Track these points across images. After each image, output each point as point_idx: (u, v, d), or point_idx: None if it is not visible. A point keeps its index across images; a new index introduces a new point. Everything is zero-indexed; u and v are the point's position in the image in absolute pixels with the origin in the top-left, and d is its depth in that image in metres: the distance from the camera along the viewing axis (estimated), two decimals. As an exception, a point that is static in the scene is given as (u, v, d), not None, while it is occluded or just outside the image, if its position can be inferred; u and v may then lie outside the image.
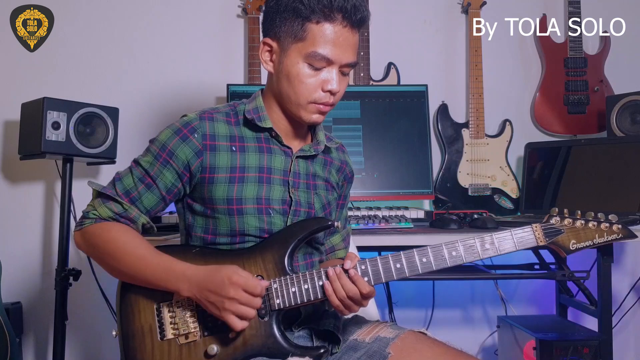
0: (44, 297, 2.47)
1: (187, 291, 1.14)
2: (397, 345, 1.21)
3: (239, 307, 1.10)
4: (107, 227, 1.22)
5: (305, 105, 1.24)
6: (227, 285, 1.10)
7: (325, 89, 1.22)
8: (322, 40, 1.19)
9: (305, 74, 1.22)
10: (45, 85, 2.47)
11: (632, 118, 2.34)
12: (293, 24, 1.21)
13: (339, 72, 1.23)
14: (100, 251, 1.22)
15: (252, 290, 1.11)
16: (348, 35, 1.21)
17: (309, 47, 1.20)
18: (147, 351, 1.18)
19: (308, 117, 1.26)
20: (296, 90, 1.23)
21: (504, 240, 1.19)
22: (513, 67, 2.70)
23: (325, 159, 1.39)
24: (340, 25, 1.20)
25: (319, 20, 1.19)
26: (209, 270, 1.14)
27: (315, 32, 1.19)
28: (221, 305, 1.11)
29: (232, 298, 1.10)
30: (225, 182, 1.24)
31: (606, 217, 1.19)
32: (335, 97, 1.25)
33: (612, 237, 1.18)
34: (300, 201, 1.30)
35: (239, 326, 1.11)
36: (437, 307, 2.57)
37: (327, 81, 1.22)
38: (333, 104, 1.27)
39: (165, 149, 1.24)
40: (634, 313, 2.61)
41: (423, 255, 1.18)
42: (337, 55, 1.21)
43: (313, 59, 1.20)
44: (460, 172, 2.52)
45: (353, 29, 1.22)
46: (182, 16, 2.59)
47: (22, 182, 2.52)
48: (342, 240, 1.47)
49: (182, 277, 1.14)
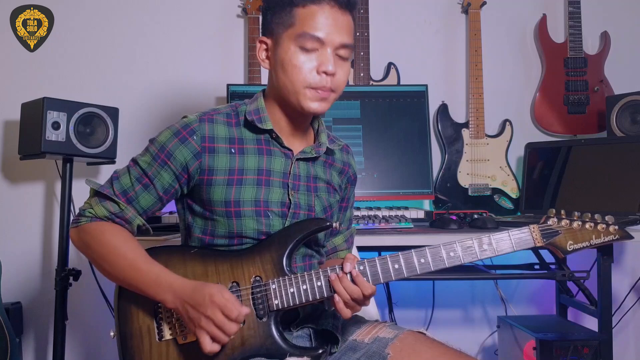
0: (44, 297, 2.47)
1: (171, 303, 1.14)
2: (396, 345, 1.21)
3: (212, 328, 1.08)
4: (102, 228, 1.22)
5: (303, 91, 1.22)
6: (207, 304, 1.08)
7: (320, 70, 1.20)
8: (311, 21, 1.19)
9: (298, 57, 1.20)
10: (45, 85, 2.47)
11: (632, 118, 2.34)
12: (282, 14, 1.22)
13: (334, 54, 1.21)
14: (93, 251, 1.22)
15: (229, 314, 1.07)
16: (337, 16, 1.20)
17: (299, 29, 1.20)
18: (145, 352, 1.18)
19: (308, 105, 1.23)
20: (291, 77, 1.21)
21: (502, 241, 1.19)
22: (513, 67, 2.70)
23: (327, 161, 1.38)
24: (328, 6, 1.20)
25: (305, 4, 1.20)
26: (195, 286, 1.13)
27: (303, 14, 1.20)
28: (197, 323, 1.09)
29: (208, 317, 1.08)
30: (224, 184, 1.24)
31: (603, 218, 1.19)
32: (334, 81, 1.22)
33: (609, 238, 1.18)
34: (300, 203, 1.29)
35: (207, 348, 1.09)
36: (437, 307, 2.57)
37: (321, 63, 1.20)
38: (334, 90, 1.23)
39: (164, 150, 1.23)
40: (634, 313, 2.61)
41: (421, 256, 1.18)
42: (327, 35, 1.19)
43: (303, 41, 1.20)
44: (460, 172, 2.51)
45: (342, 9, 1.21)
46: (182, 16, 2.59)
47: (22, 182, 2.52)
48: (344, 241, 1.47)
49: (169, 289, 1.14)
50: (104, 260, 1.21)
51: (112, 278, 1.22)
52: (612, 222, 1.19)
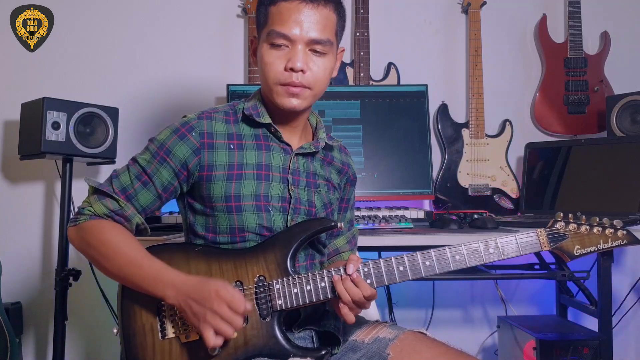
0: (44, 297, 2.46)
1: (173, 298, 1.13)
2: (397, 346, 1.21)
3: (219, 322, 1.08)
4: (101, 226, 1.22)
5: (275, 88, 1.23)
6: (213, 298, 1.08)
7: (287, 67, 1.21)
8: (278, 18, 1.21)
9: (269, 55, 1.22)
10: (45, 85, 2.47)
11: (632, 118, 2.34)
12: (259, 13, 1.26)
13: (306, 50, 1.21)
14: (92, 249, 1.22)
15: (236, 308, 1.08)
16: (307, 11, 1.20)
17: (269, 27, 1.23)
18: (148, 350, 1.18)
19: (282, 102, 1.24)
20: (265, 75, 1.24)
21: (508, 245, 1.18)
22: (513, 67, 2.70)
23: (326, 159, 1.39)
24: (297, 1, 1.20)
25: (276, 1, 1.22)
26: (198, 281, 1.13)
27: (273, 12, 1.22)
28: (202, 317, 1.09)
29: (215, 311, 1.08)
30: (223, 180, 1.24)
31: (611, 222, 1.18)
32: (307, 77, 1.22)
33: (616, 243, 1.17)
34: (300, 199, 1.29)
35: (211, 342, 1.08)
36: (437, 307, 2.57)
37: (289, 60, 1.21)
38: (305, 86, 1.23)
39: (163, 147, 1.24)
40: (634, 313, 2.61)
41: (426, 259, 1.18)
42: (295, 31, 1.20)
43: (272, 38, 1.21)
44: (460, 172, 2.52)
45: (314, 3, 1.20)
46: (182, 16, 2.59)
47: (22, 182, 2.52)
48: (346, 243, 1.47)
49: (170, 285, 1.13)
50: (104, 258, 1.20)
51: (111, 275, 1.21)
52: (620, 226, 1.18)
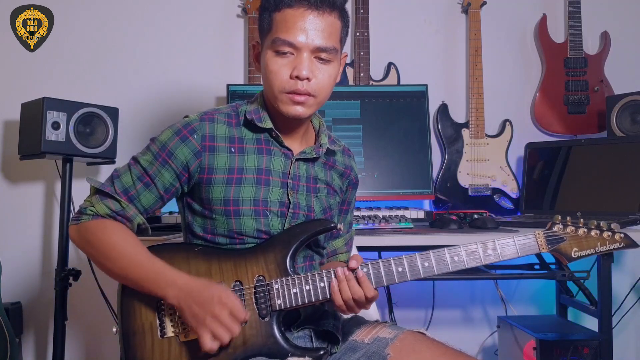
0: (44, 297, 2.47)
1: (173, 298, 1.14)
2: (396, 346, 1.21)
3: (217, 327, 1.09)
4: (103, 225, 1.22)
5: (280, 96, 1.22)
6: (215, 303, 1.10)
7: (293, 75, 1.20)
8: (284, 25, 1.19)
9: (274, 63, 1.21)
10: (45, 85, 2.47)
11: (632, 118, 2.34)
12: (264, 20, 1.24)
13: (311, 58, 1.20)
14: (94, 248, 1.22)
15: (237, 315, 1.10)
16: (313, 19, 1.19)
17: (273, 34, 1.21)
18: (147, 349, 1.18)
19: (286, 110, 1.23)
20: (269, 82, 1.22)
21: (506, 247, 1.19)
22: (513, 67, 2.70)
23: (328, 162, 1.38)
24: (302, 9, 1.18)
25: (280, 8, 1.20)
26: (200, 284, 1.14)
27: (278, 19, 1.20)
28: (202, 320, 1.10)
29: (215, 316, 1.09)
30: (223, 183, 1.24)
31: (609, 225, 1.19)
32: (312, 85, 1.21)
33: (614, 246, 1.18)
34: (300, 204, 1.29)
35: (207, 346, 1.09)
36: (437, 307, 2.57)
37: (294, 67, 1.20)
38: (310, 94, 1.21)
39: (165, 149, 1.24)
40: (634, 313, 2.61)
41: (425, 260, 1.18)
42: (300, 39, 1.18)
43: (277, 46, 1.20)
44: (460, 172, 2.52)
45: (320, 11, 1.19)
46: (182, 16, 2.59)
47: (22, 182, 2.52)
48: (344, 244, 1.47)
49: (172, 284, 1.14)
50: (106, 258, 1.21)
51: (113, 275, 1.22)
52: (617, 229, 1.19)
